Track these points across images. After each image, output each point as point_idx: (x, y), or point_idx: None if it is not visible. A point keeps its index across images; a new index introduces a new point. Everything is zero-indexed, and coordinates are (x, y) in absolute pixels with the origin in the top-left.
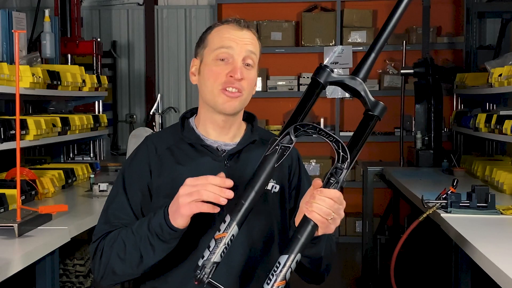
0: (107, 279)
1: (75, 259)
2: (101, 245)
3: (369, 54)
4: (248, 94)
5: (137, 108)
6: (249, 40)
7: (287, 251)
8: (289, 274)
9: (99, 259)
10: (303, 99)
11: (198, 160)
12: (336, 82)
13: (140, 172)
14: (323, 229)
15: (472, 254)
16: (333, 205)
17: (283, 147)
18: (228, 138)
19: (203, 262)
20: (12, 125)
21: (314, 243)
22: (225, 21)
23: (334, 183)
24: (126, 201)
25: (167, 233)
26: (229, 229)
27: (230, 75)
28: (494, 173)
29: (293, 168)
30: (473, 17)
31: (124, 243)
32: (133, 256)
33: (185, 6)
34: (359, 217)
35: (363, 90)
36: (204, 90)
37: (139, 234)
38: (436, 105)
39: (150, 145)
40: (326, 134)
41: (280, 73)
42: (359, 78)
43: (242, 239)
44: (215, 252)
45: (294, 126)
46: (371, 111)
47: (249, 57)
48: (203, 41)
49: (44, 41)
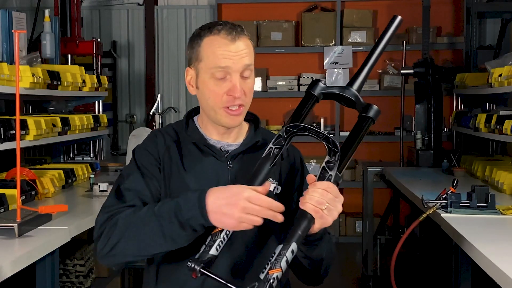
0: (111, 258)
1: (75, 259)
2: (111, 223)
3: (362, 68)
4: (249, 103)
5: (137, 108)
6: (244, 52)
7: (283, 242)
8: (284, 263)
9: (106, 235)
10: (298, 108)
11: (202, 160)
12: (329, 94)
13: (152, 156)
14: (319, 219)
15: (472, 254)
16: (325, 194)
17: (277, 149)
18: (231, 139)
19: (198, 255)
20: (12, 125)
21: (316, 244)
22: (214, 29)
23: (327, 176)
24: (141, 181)
25: (200, 226)
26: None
27: (230, 94)
28: (494, 173)
29: (296, 169)
30: (473, 17)
31: (144, 225)
32: (153, 240)
33: (185, 6)
34: (359, 217)
35: (354, 96)
36: (205, 106)
37: (164, 218)
38: (436, 105)
39: (159, 136)
40: (316, 132)
41: (280, 73)
42: (352, 88)
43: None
44: (211, 245)
45: (285, 128)
46: (365, 113)
47: (246, 70)
48: (194, 53)
49: (44, 41)
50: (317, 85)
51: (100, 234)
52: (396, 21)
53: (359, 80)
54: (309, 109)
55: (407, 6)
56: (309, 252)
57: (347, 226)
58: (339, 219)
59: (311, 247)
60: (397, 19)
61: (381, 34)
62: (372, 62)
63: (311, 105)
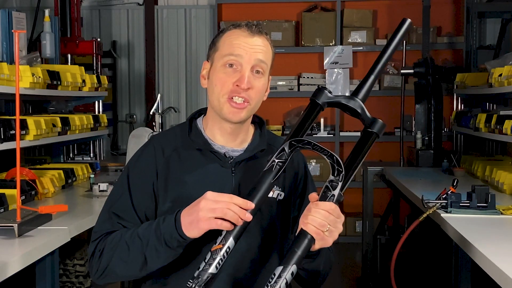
0: (105, 279)
1: (75, 259)
2: (101, 245)
3: (369, 76)
4: (256, 103)
5: (137, 108)
6: (260, 48)
7: (283, 263)
8: (284, 285)
9: (98, 258)
10: (303, 118)
11: (206, 166)
12: (334, 103)
13: (146, 174)
14: (319, 241)
15: (472, 254)
16: (328, 216)
17: (280, 163)
18: (236, 144)
19: (198, 273)
20: (12, 125)
21: (314, 258)
22: (237, 25)
23: (330, 196)
24: (130, 203)
25: (176, 241)
26: (225, 241)
27: (237, 84)
28: (494, 173)
29: (300, 176)
30: (473, 17)
31: (128, 246)
32: (137, 260)
33: (185, 6)
34: (359, 217)
35: (360, 108)
36: (212, 96)
37: (146, 238)
38: (436, 105)
39: (157, 146)
40: (321, 149)
41: (280, 73)
42: (358, 98)
43: (243, 247)
44: (211, 263)
45: (289, 142)
46: (370, 128)
47: (258, 66)
48: (214, 44)
49: (44, 41)
50: (322, 94)
51: (92, 257)
52: (405, 25)
53: (365, 89)
54: (313, 118)
55: (407, 6)
56: (307, 265)
57: (347, 226)
58: None
59: (308, 260)
60: (406, 22)
61: (390, 39)
62: (379, 69)
63: (316, 114)
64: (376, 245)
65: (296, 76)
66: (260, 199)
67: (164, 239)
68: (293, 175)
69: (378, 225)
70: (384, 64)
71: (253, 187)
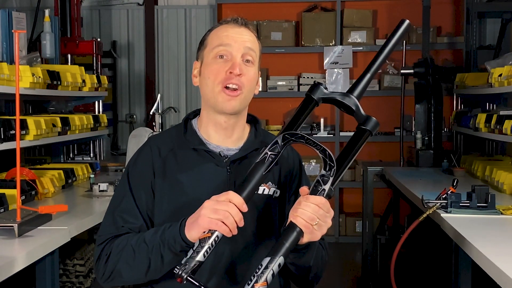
0: (111, 282)
1: (75, 259)
2: (107, 249)
3: (365, 74)
4: (248, 92)
5: (137, 108)
6: (247, 37)
7: (270, 254)
8: (270, 276)
9: (104, 263)
10: (297, 113)
11: (202, 166)
12: (329, 99)
13: (145, 174)
14: (308, 234)
15: (472, 254)
16: (317, 210)
17: (273, 156)
18: (231, 142)
19: (186, 260)
20: (12, 125)
21: (303, 253)
22: (223, 21)
23: (320, 190)
24: (133, 203)
25: (179, 245)
26: (214, 230)
27: (230, 71)
28: (494, 173)
29: (294, 173)
30: (473, 17)
31: (134, 251)
32: (143, 264)
33: (185, 6)
34: (359, 217)
35: (355, 105)
36: (205, 89)
37: (151, 243)
38: (436, 105)
39: (153, 147)
40: (314, 143)
41: (280, 73)
42: (353, 95)
43: (240, 245)
44: (199, 251)
45: (282, 135)
46: (363, 126)
47: (248, 54)
48: (202, 43)
49: (44, 41)
50: (318, 89)
51: (98, 261)
52: (404, 26)
53: (361, 86)
54: (308, 113)
55: (407, 6)
56: (296, 260)
57: (347, 226)
58: (339, 219)
59: (297, 255)
60: (405, 23)
61: (387, 39)
62: (376, 67)
63: (310, 109)
64: (376, 245)
65: (296, 76)
66: (251, 190)
67: (168, 243)
68: (288, 172)
69: (378, 225)
70: (381, 64)
71: (244, 178)
